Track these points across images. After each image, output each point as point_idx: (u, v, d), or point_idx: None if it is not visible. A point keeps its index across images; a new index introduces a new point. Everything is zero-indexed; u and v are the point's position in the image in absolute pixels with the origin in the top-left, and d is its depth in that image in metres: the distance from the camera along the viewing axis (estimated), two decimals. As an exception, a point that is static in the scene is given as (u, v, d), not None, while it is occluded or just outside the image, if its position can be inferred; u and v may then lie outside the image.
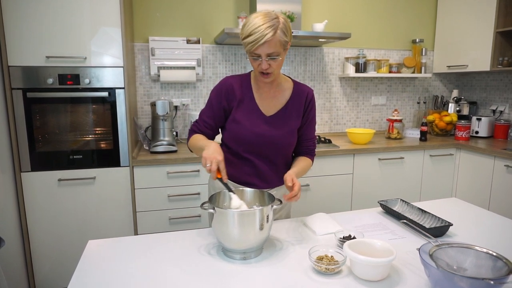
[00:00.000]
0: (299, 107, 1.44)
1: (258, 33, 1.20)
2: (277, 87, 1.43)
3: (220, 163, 1.18)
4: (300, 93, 1.45)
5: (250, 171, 1.44)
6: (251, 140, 1.39)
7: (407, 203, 1.52)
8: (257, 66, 1.30)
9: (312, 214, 1.48)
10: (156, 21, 2.79)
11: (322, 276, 1.02)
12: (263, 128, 1.39)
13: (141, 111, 2.85)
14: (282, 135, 1.41)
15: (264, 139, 1.39)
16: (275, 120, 1.41)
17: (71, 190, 2.20)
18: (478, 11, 2.95)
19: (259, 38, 1.20)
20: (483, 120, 3.11)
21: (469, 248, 1.00)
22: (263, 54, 1.24)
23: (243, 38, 1.25)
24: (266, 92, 1.42)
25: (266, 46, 1.22)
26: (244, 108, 1.40)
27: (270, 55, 1.25)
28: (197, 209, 2.41)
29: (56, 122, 2.14)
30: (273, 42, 1.22)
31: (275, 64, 1.28)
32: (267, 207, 1.11)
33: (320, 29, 2.77)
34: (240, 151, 1.43)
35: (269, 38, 1.20)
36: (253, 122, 1.39)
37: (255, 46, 1.22)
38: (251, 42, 1.22)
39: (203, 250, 1.19)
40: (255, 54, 1.26)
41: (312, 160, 1.51)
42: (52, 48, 2.06)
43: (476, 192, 2.78)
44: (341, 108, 3.33)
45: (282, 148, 1.43)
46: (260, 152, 1.42)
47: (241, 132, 1.39)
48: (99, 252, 1.17)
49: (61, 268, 2.26)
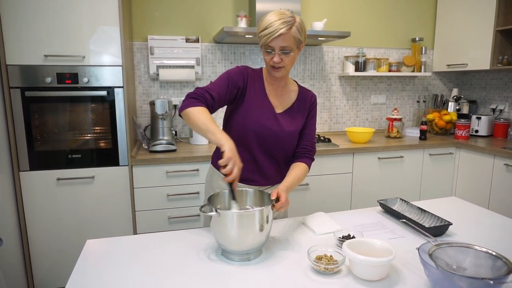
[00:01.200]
0: (304, 111, 1.48)
1: (273, 27, 1.25)
2: (285, 87, 1.47)
3: (239, 170, 1.14)
4: (305, 96, 1.50)
5: (252, 167, 1.43)
6: (258, 131, 1.38)
7: (406, 202, 1.52)
8: (269, 59, 1.33)
9: (311, 213, 1.48)
10: (155, 20, 2.78)
11: (321, 276, 1.02)
12: (272, 123, 1.40)
13: (140, 110, 2.84)
14: (289, 133, 1.43)
15: (271, 133, 1.40)
16: (283, 117, 1.43)
17: (69, 190, 2.20)
18: (478, 9, 2.94)
19: (274, 31, 1.25)
20: (483, 119, 3.11)
21: (468, 248, 1.00)
22: (276, 47, 1.29)
23: (259, 32, 1.30)
24: (275, 89, 1.45)
25: (280, 39, 1.26)
26: (255, 99, 1.40)
27: (283, 49, 1.29)
28: (196, 209, 2.40)
29: (55, 121, 2.14)
30: (287, 36, 1.27)
31: (287, 59, 1.32)
32: (267, 207, 1.10)
33: (320, 28, 2.76)
34: (245, 142, 1.40)
35: (284, 32, 1.25)
36: (263, 114, 1.40)
37: (270, 39, 1.26)
38: (266, 34, 1.27)
39: (202, 250, 1.18)
40: (269, 47, 1.30)
41: (308, 165, 1.47)
42: (50, 47, 2.06)
43: (475, 191, 2.77)
44: (341, 107, 3.32)
45: (286, 145, 1.45)
46: (263, 146, 1.41)
47: (250, 122, 1.38)
48: (97, 252, 1.17)
49: (60, 268, 2.26)
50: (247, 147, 1.41)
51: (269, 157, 1.44)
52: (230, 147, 1.13)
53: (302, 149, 1.49)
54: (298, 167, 1.44)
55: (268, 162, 1.45)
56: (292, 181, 1.35)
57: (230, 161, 1.10)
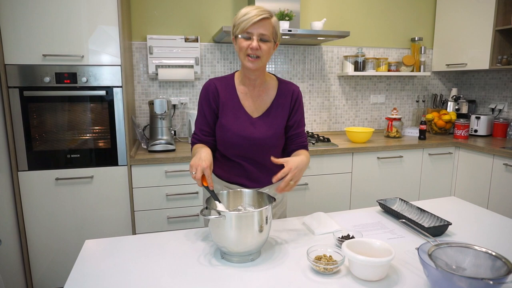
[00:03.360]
0: (285, 107, 1.42)
1: (253, 13, 1.24)
2: (262, 85, 1.41)
3: (205, 170, 1.14)
4: (286, 92, 1.43)
5: (240, 172, 1.44)
6: (239, 143, 1.38)
7: (406, 202, 1.52)
8: (247, 46, 1.27)
9: (311, 213, 1.47)
10: (154, 20, 2.77)
11: (320, 276, 1.02)
12: (250, 131, 1.37)
13: (139, 110, 2.84)
14: (269, 137, 1.39)
15: (251, 142, 1.37)
16: (261, 121, 1.39)
17: (68, 190, 2.19)
18: (477, 9, 2.94)
19: (254, 15, 1.23)
20: (482, 119, 3.11)
21: (468, 248, 1.00)
22: (255, 33, 1.25)
23: (238, 19, 1.27)
24: (250, 91, 1.40)
25: (260, 24, 1.24)
26: (229, 111, 1.38)
27: (262, 36, 1.26)
28: (195, 208, 2.40)
29: (54, 121, 2.13)
30: (267, 24, 1.26)
31: (265, 48, 1.28)
32: (267, 208, 1.10)
33: (319, 28, 2.76)
34: (228, 154, 1.42)
35: (265, 17, 1.24)
36: (239, 125, 1.37)
37: (250, 23, 1.23)
38: (246, 19, 1.24)
39: (201, 251, 1.18)
40: (247, 33, 1.26)
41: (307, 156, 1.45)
42: (49, 46, 2.05)
43: (475, 191, 2.77)
44: (340, 107, 3.32)
45: (269, 150, 1.41)
46: (247, 154, 1.41)
47: (228, 136, 1.37)
48: (96, 252, 1.17)
49: (58, 268, 2.25)
50: (234, 157, 1.41)
51: (255, 162, 1.43)
52: (195, 157, 1.20)
53: (296, 146, 1.45)
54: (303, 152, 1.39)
55: (254, 167, 1.43)
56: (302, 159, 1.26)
57: (192, 168, 1.17)
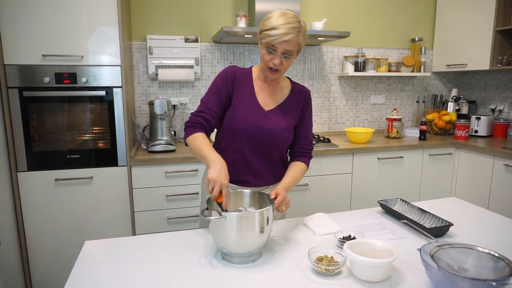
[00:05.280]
0: (297, 106, 1.46)
1: (284, 29, 1.23)
2: (277, 84, 1.45)
3: (224, 188, 1.12)
4: (298, 92, 1.47)
5: (244, 168, 1.42)
6: (248, 132, 1.37)
7: (407, 203, 1.51)
8: (269, 60, 1.31)
9: (311, 214, 1.47)
10: (154, 20, 2.77)
11: (322, 277, 1.01)
12: (261, 121, 1.38)
13: (139, 110, 2.83)
14: (279, 130, 1.40)
15: (261, 132, 1.38)
16: (273, 114, 1.41)
17: (68, 190, 2.18)
18: (478, 9, 2.94)
19: (283, 34, 1.23)
20: (482, 119, 3.11)
21: (470, 249, 0.99)
22: (280, 50, 1.28)
23: (266, 29, 1.26)
24: (266, 87, 1.43)
25: (287, 43, 1.26)
26: (243, 99, 1.39)
27: (286, 53, 1.29)
28: (195, 209, 2.39)
29: (53, 121, 2.13)
30: (293, 42, 1.27)
31: (286, 63, 1.32)
32: (268, 209, 1.09)
33: (319, 28, 2.76)
34: (234, 146, 1.40)
35: (292, 38, 1.25)
36: (251, 113, 1.38)
37: (277, 40, 1.24)
38: (274, 35, 1.24)
39: (202, 251, 1.17)
40: (272, 48, 1.28)
41: (307, 164, 1.46)
42: (48, 46, 2.04)
43: (475, 192, 2.77)
44: (340, 107, 3.31)
45: (278, 143, 1.41)
46: (255, 146, 1.39)
47: (238, 122, 1.37)
48: (96, 253, 1.16)
49: (58, 269, 2.24)
50: (239, 149, 1.40)
51: (263, 156, 1.42)
52: (214, 169, 1.13)
53: (300, 148, 1.47)
54: (297, 167, 1.42)
55: (261, 162, 1.42)
56: (290, 181, 1.35)
57: (210, 183, 1.12)
